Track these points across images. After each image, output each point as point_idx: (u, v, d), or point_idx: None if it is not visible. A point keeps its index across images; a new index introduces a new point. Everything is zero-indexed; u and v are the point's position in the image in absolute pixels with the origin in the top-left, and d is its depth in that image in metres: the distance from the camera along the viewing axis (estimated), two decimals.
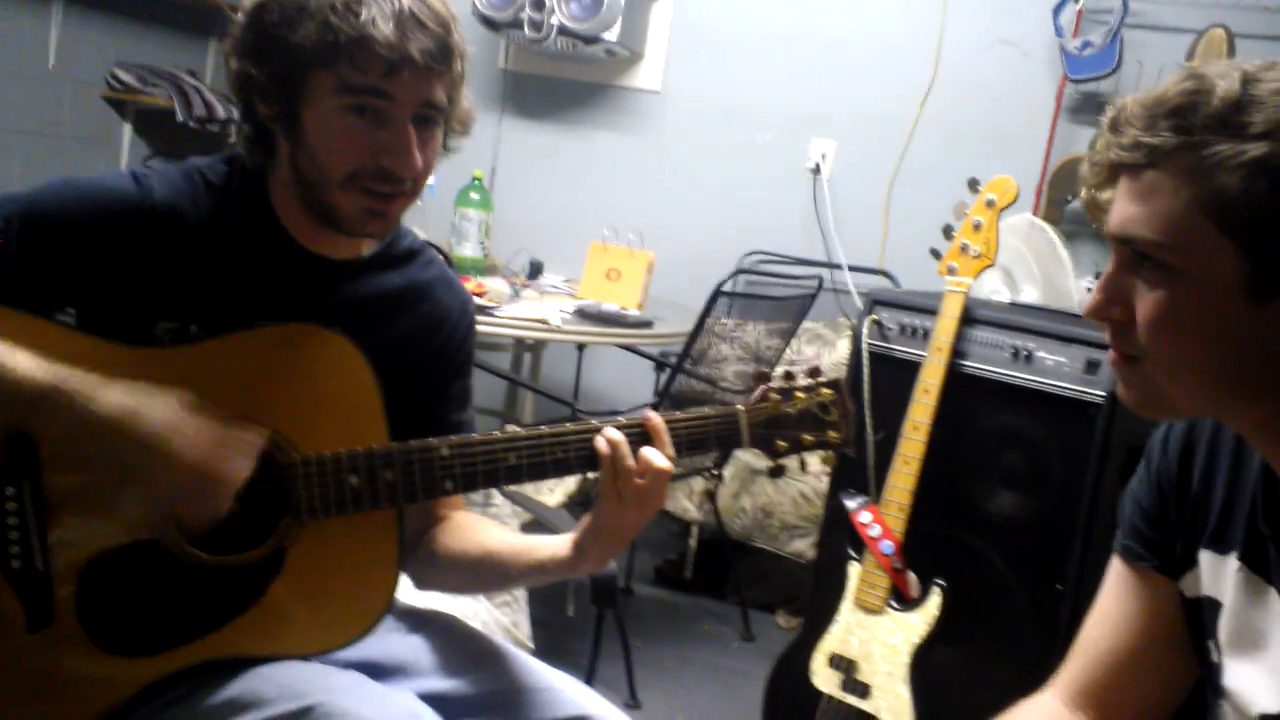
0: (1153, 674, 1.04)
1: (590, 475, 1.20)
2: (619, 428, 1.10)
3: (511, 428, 1.14)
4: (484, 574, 1.23)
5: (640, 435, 1.10)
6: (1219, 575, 0.97)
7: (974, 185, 2.10)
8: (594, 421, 1.11)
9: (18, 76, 3.28)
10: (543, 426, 1.12)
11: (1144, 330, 0.86)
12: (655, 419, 1.11)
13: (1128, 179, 0.87)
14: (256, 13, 1.08)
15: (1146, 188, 0.85)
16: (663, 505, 1.13)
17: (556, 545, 1.16)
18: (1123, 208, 0.87)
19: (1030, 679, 1.12)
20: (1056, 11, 3.15)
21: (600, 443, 1.09)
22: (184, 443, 0.98)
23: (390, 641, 1.23)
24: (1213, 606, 0.98)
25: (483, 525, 1.27)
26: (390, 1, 1.05)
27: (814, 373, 1.21)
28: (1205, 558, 0.99)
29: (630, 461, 1.08)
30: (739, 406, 1.16)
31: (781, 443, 1.18)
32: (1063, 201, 3.12)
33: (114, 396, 0.99)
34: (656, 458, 1.09)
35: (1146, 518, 1.04)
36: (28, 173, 3.28)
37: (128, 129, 3.67)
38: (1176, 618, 1.02)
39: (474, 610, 1.65)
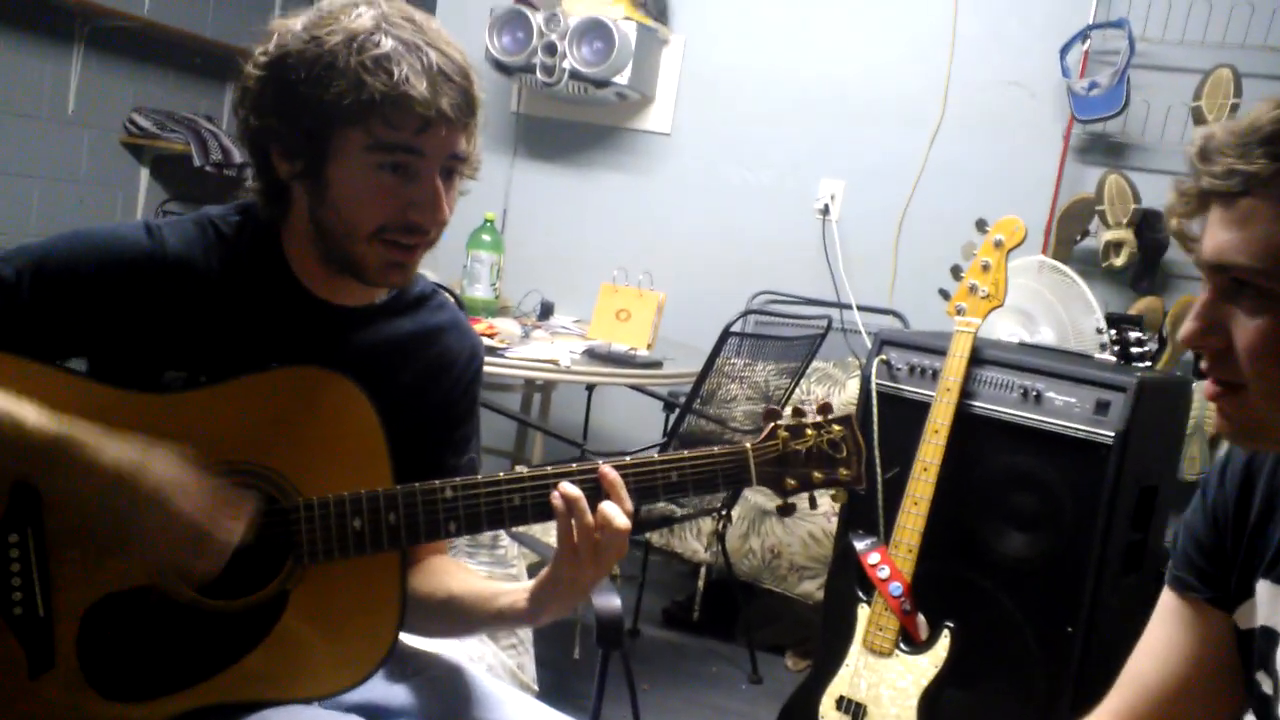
0: (1201, 706, 1.04)
1: None
2: (575, 479, 1.08)
3: (520, 468, 1.14)
4: (448, 618, 1.22)
5: (596, 486, 1.08)
6: (1277, 606, 0.97)
7: (982, 226, 2.11)
8: (599, 462, 1.11)
9: (37, 121, 3.34)
10: (548, 467, 1.12)
11: (1245, 358, 0.86)
12: (610, 473, 1.08)
13: (1221, 207, 0.88)
14: (276, 68, 1.08)
15: (1242, 215, 0.85)
16: (621, 558, 1.10)
17: (515, 596, 1.15)
18: (1217, 235, 0.87)
19: None
20: (1063, 53, 3.17)
21: (555, 498, 1.07)
22: (185, 502, 0.98)
23: (392, 685, 1.23)
24: (1268, 637, 0.98)
25: (453, 570, 1.27)
26: (419, 58, 1.05)
27: (824, 409, 1.19)
28: (1263, 588, 0.99)
29: (588, 517, 1.06)
30: (746, 444, 1.16)
31: (791, 480, 1.16)
32: (1071, 241, 3.12)
33: (117, 451, 0.99)
34: (614, 514, 1.06)
35: (1201, 549, 1.04)
36: (45, 217, 3.33)
37: (145, 174, 3.73)
38: (1228, 650, 1.02)
39: (479, 652, 1.65)
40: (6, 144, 3.24)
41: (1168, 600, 1.07)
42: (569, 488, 1.07)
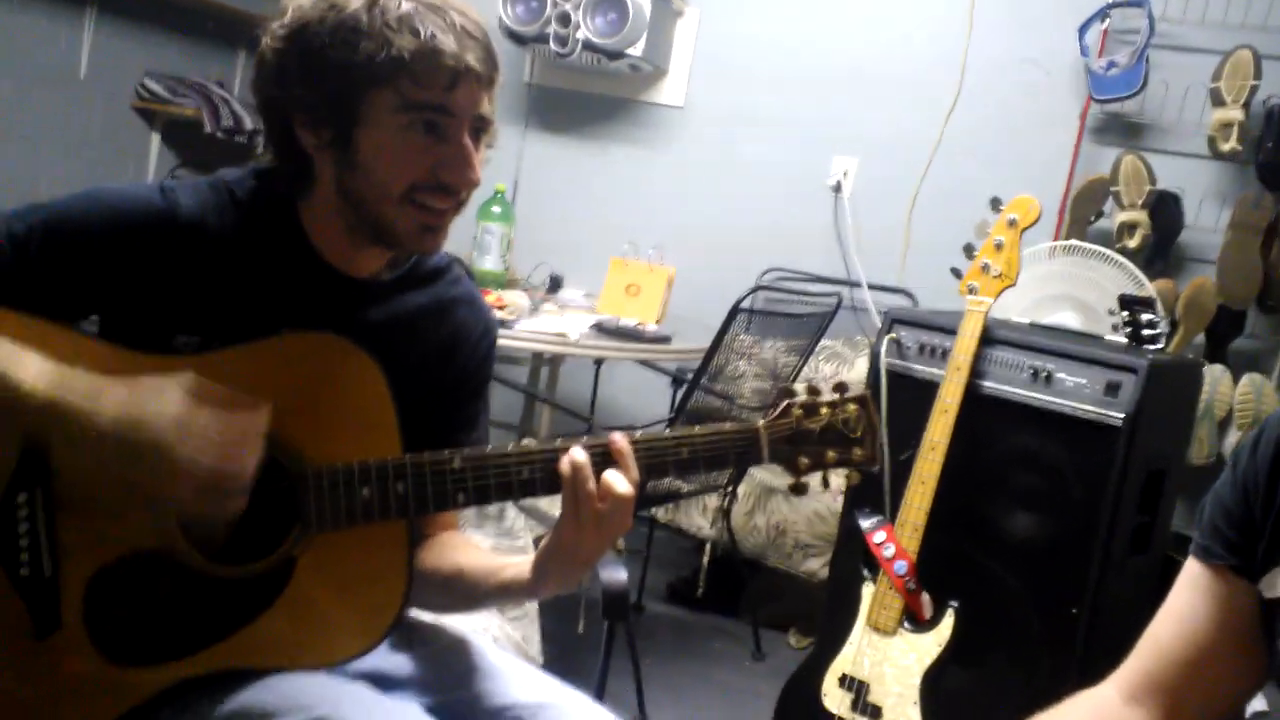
0: (1222, 672, 1.05)
1: None
2: (586, 448, 1.07)
3: (528, 441, 1.13)
4: (455, 592, 1.22)
5: (605, 457, 1.07)
6: None
7: (996, 204, 2.09)
8: (604, 437, 1.10)
9: (49, 85, 3.32)
10: (558, 440, 1.11)
11: None
12: (621, 442, 1.08)
13: None
14: (297, 39, 1.07)
15: None
16: (625, 530, 1.09)
17: (519, 568, 1.15)
18: None
19: (1044, 702, 1.11)
20: (1082, 31, 3.14)
21: (563, 464, 1.06)
22: (190, 444, 0.97)
23: (398, 654, 1.23)
24: None
25: (461, 544, 1.26)
26: (442, 16, 1.06)
27: (840, 388, 1.18)
28: None
29: (591, 485, 1.05)
30: (759, 422, 1.14)
31: (804, 459, 1.15)
32: (1086, 221, 3.10)
33: (116, 400, 0.98)
34: (619, 482, 1.05)
35: (1229, 518, 1.05)
36: (56, 181, 3.32)
37: (156, 139, 3.72)
38: (1252, 618, 1.03)
39: (485, 624, 1.66)
40: (18, 108, 3.23)
41: (1192, 568, 1.08)
42: (577, 454, 1.06)
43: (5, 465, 1.01)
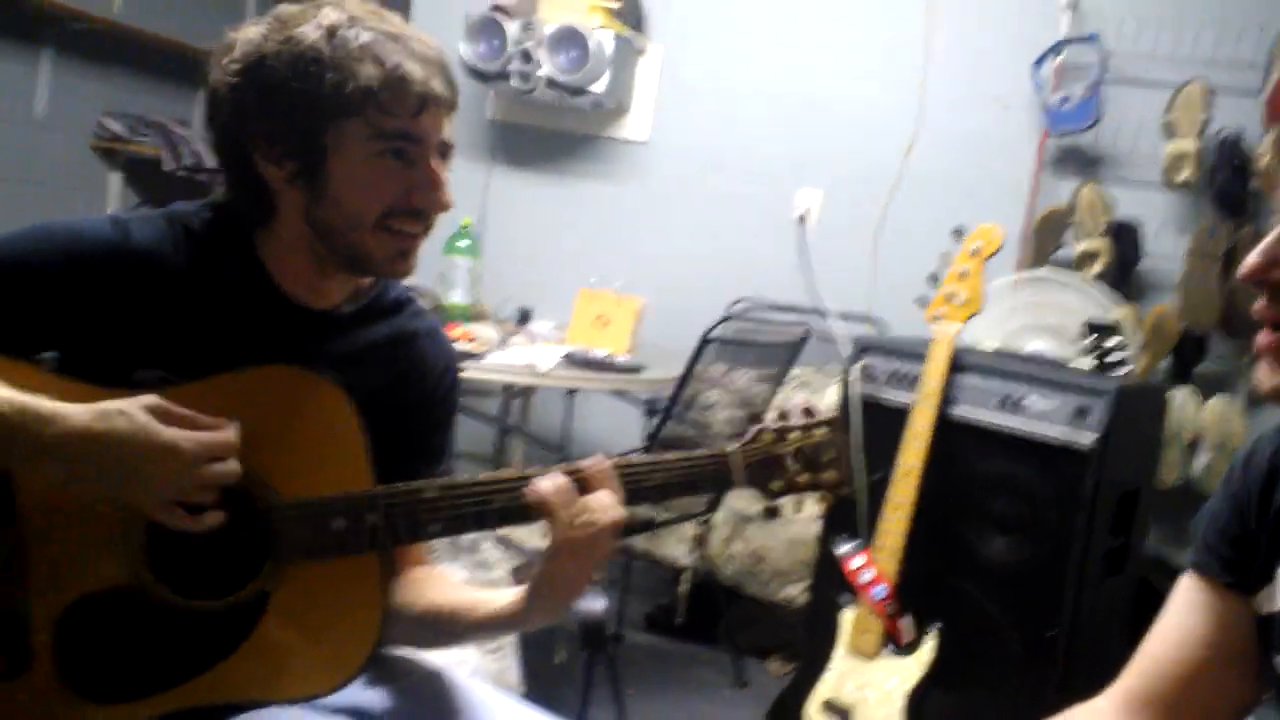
0: (1219, 688, 1.05)
1: None
2: (567, 473, 1.06)
3: (505, 471, 1.12)
4: (431, 629, 1.20)
5: (582, 483, 1.06)
6: None
7: (960, 234, 2.12)
8: (583, 464, 1.09)
9: (6, 124, 3.29)
10: (530, 469, 1.10)
11: None
12: (602, 463, 1.07)
13: None
14: (253, 73, 1.06)
15: None
16: (608, 556, 1.08)
17: (501, 602, 1.13)
18: None
19: None
20: (1036, 66, 3.20)
21: (546, 489, 1.04)
22: (162, 431, 0.96)
23: (377, 689, 1.20)
24: None
25: (436, 580, 1.24)
26: (404, 43, 1.06)
27: (809, 412, 1.19)
28: None
29: (571, 510, 1.04)
30: (731, 447, 1.15)
31: (776, 483, 1.15)
32: (1047, 251, 3.15)
33: (78, 418, 0.95)
34: (599, 507, 1.05)
35: (1224, 535, 1.05)
36: (12, 221, 3.27)
37: (117, 178, 3.69)
38: (1247, 634, 1.03)
39: (462, 657, 1.63)
40: None
41: (1187, 584, 1.08)
42: (552, 480, 1.05)
43: None
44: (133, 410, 0.96)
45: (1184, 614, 1.07)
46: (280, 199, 1.11)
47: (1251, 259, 0.88)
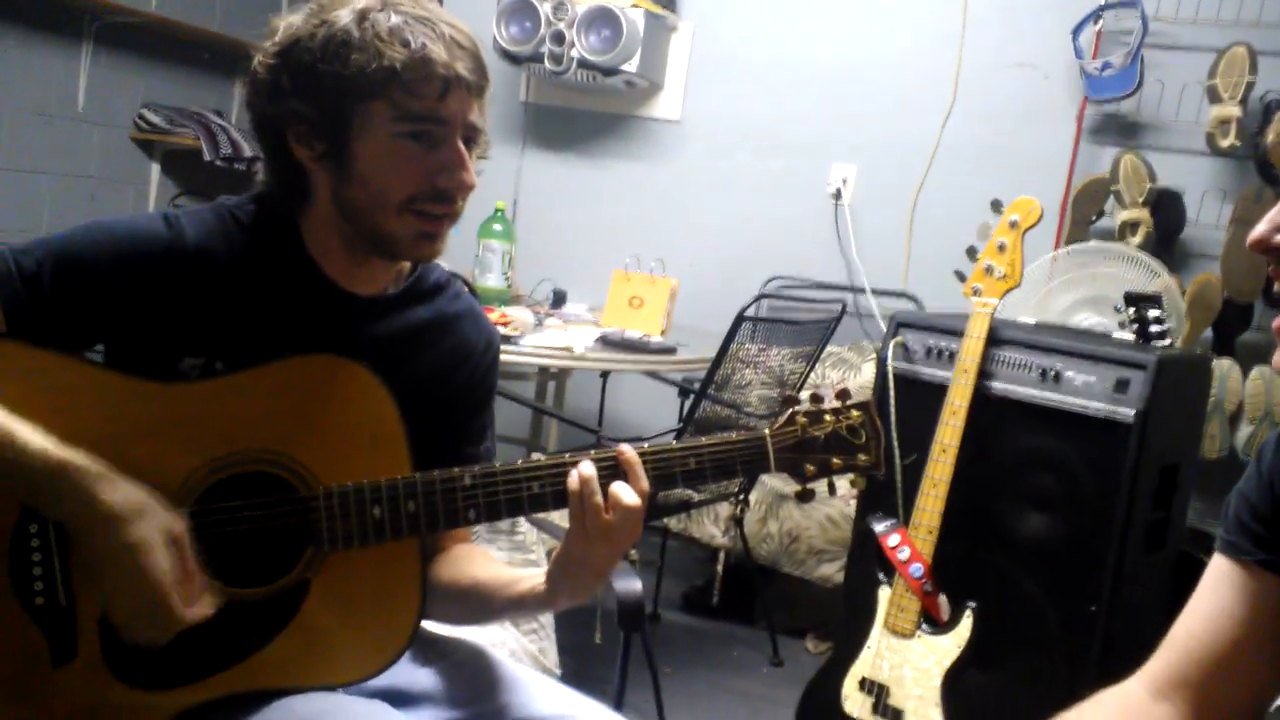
0: (1250, 667, 1.05)
1: None
2: (594, 461, 1.08)
3: (536, 456, 1.13)
4: (470, 605, 1.22)
5: (613, 470, 1.08)
6: None
7: (997, 206, 2.10)
8: (622, 447, 1.10)
9: (48, 118, 3.34)
10: (566, 454, 1.11)
11: None
12: (629, 453, 1.09)
13: None
14: (289, 53, 1.09)
15: None
16: (635, 541, 1.09)
17: (535, 580, 1.15)
18: None
19: (1063, 702, 1.11)
20: (1076, 33, 3.15)
21: (571, 478, 1.07)
22: (156, 567, 0.97)
23: (414, 670, 1.23)
24: None
25: (477, 557, 1.26)
26: (431, 27, 1.08)
27: (842, 395, 1.19)
28: None
29: (598, 497, 1.05)
30: (765, 431, 1.15)
31: (809, 467, 1.16)
32: (1087, 221, 3.10)
33: (112, 494, 0.97)
34: (626, 494, 1.06)
35: (1256, 514, 1.05)
36: (56, 214, 3.34)
37: (156, 169, 3.73)
38: (1278, 614, 1.03)
39: (501, 638, 1.65)
40: (18, 142, 3.24)
41: (1219, 564, 1.08)
42: (585, 468, 1.07)
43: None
44: (150, 529, 0.98)
45: (1215, 594, 1.06)
46: (313, 180, 1.14)
47: (1259, 228, 0.88)
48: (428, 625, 1.29)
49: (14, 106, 3.21)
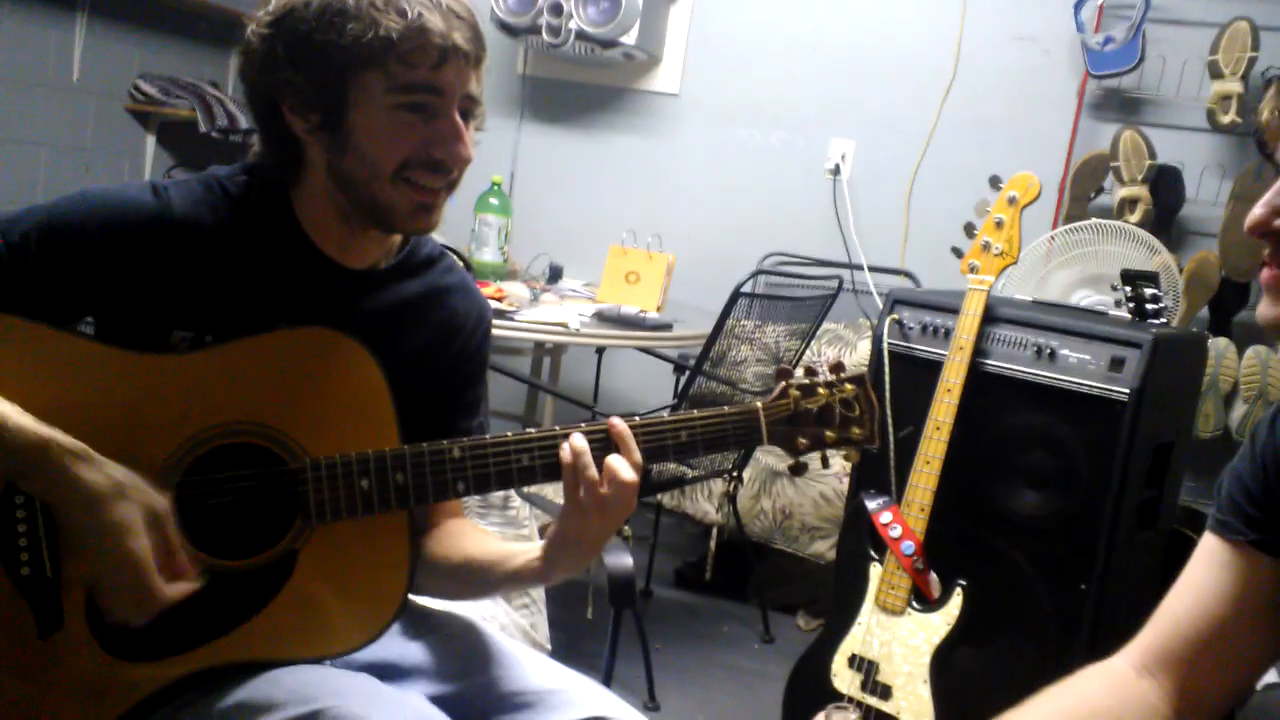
0: (1238, 646, 1.05)
1: None
2: (586, 434, 1.08)
3: (529, 430, 1.13)
4: (465, 580, 1.22)
5: (606, 443, 1.08)
6: None
7: (995, 183, 2.08)
8: (613, 420, 1.10)
9: (42, 89, 3.31)
10: (556, 427, 1.11)
11: None
12: (620, 426, 1.09)
13: None
14: (282, 23, 1.08)
15: None
16: (629, 513, 1.10)
17: (529, 555, 1.15)
18: None
19: (1053, 679, 1.11)
20: (1078, 7, 3.12)
21: (564, 451, 1.07)
22: (136, 545, 0.98)
23: (404, 643, 1.23)
24: None
25: (471, 532, 1.27)
26: None
27: (837, 368, 1.19)
28: None
29: (592, 471, 1.06)
30: (757, 404, 1.15)
31: (802, 440, 1.16)
32: (1087, 198, 3.09)
33: (93, 474, 0.98)
34: (621, 467, 1.06)
35: (1248, 494, 1.05)
36: (51, 185, 3.32)
37: (151, 140, 3.71)
38: (1269, 594, 1.03)
39: (492, 613, 1.65)
40: (13, 112, 3.22)
41: (1209, 543, 1.08)
42: (578, 441, 1.07)
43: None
44: (130, 508, 0.98)
45: (1205, 573, 1.06)
46: (307, 152, 1.13)
47: (1256, 211, 0.87)
48: (419, 600, 1.29)
49: (8, 77, 3.19)
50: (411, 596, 1.24)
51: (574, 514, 1.08)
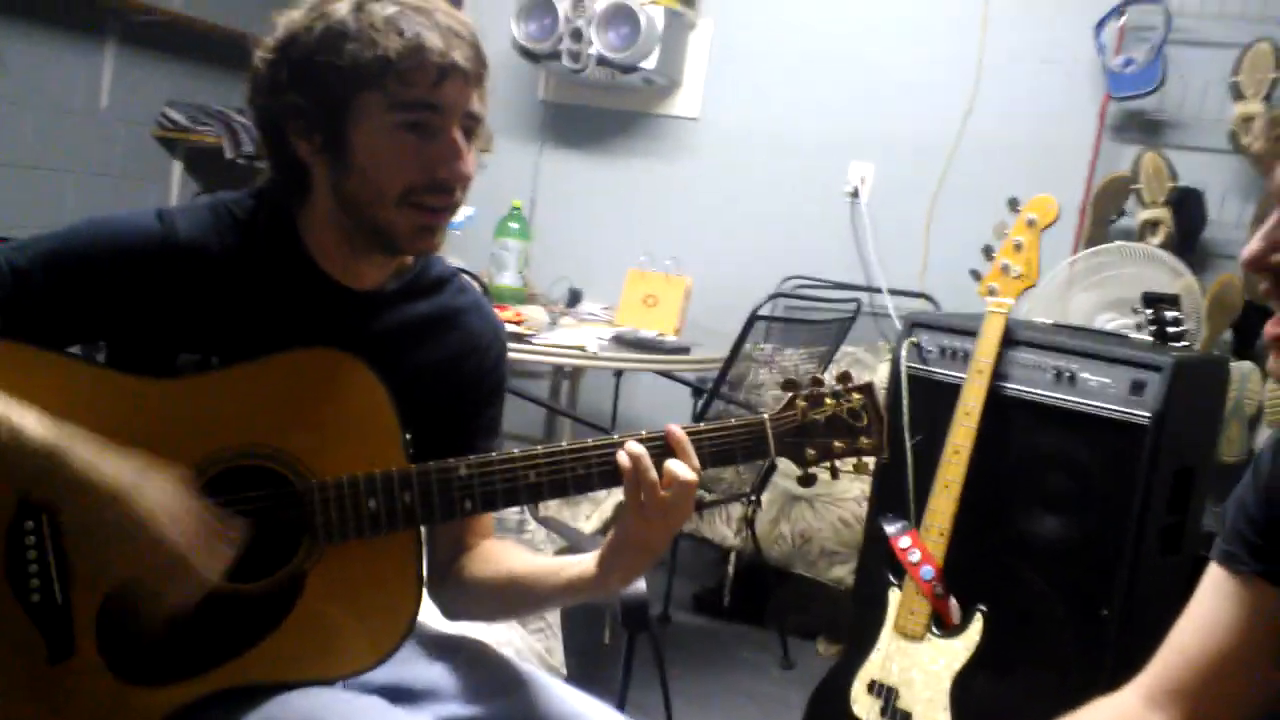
0: (1246, 678, 1.04)
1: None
2: (641, 441, 1.08)
3: (536, 449, 1.13)
4: (512, 599, 1.22)
5: (662, 449, 1.08)
6: None
7: (1014, 205, 2.08)
8: (615, 438, 1.10)
9: (71, 116, 3.37)
10: (562, 444, 1.11)
11: None
12: (677, 432, 1.09)
13: None
14: (287, 48, 1.09)
15: None
16: (688, 518, 1.11)
17: (584, 564, 1.15)
18: None
19: (1074, 706, 1.09)
20: (1098, 29, 3.12)
21: (622, 456, 1.07)
22: (173, 529, 0.98)
23: (418, 666, 1.22)
24: None
25: (510, 551, 1.26)
26: (428, 15, 1.08)
27: (843, 378, 1.18)
28: None
29: (652, 474, 1.06)
30: (764, 415, 1.14)
31: (810, 451, 1.15)
32: (1108, 221, 3.07)
33: (113, 468, 0.98)
34: (681, 470, 1.06)
35: (1253, 524, 1.04)
36: (79, 212, 3.37)
37: (178, 167, 3.76)
38: (1274, 624, 1.02)
39: (507, 637, 1.65)
40: (42, 139, 3.28)
41: (1215, 574, 1.06)
42: (634, 446, 1.07)
43: (11, 494, 1.02)
44: (158, 489, 0.98)
45: (1210, 604, 1.05)
46: (313, 175, 1.14)
47: (1252, 244, 0.86)
48: (434, 622, 1.29)
49: (38, 105, 3.24)
50: (426, 620, 1.24)
51: (636, 520, 1.08)
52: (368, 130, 1.08)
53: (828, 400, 1.15)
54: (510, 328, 2.51)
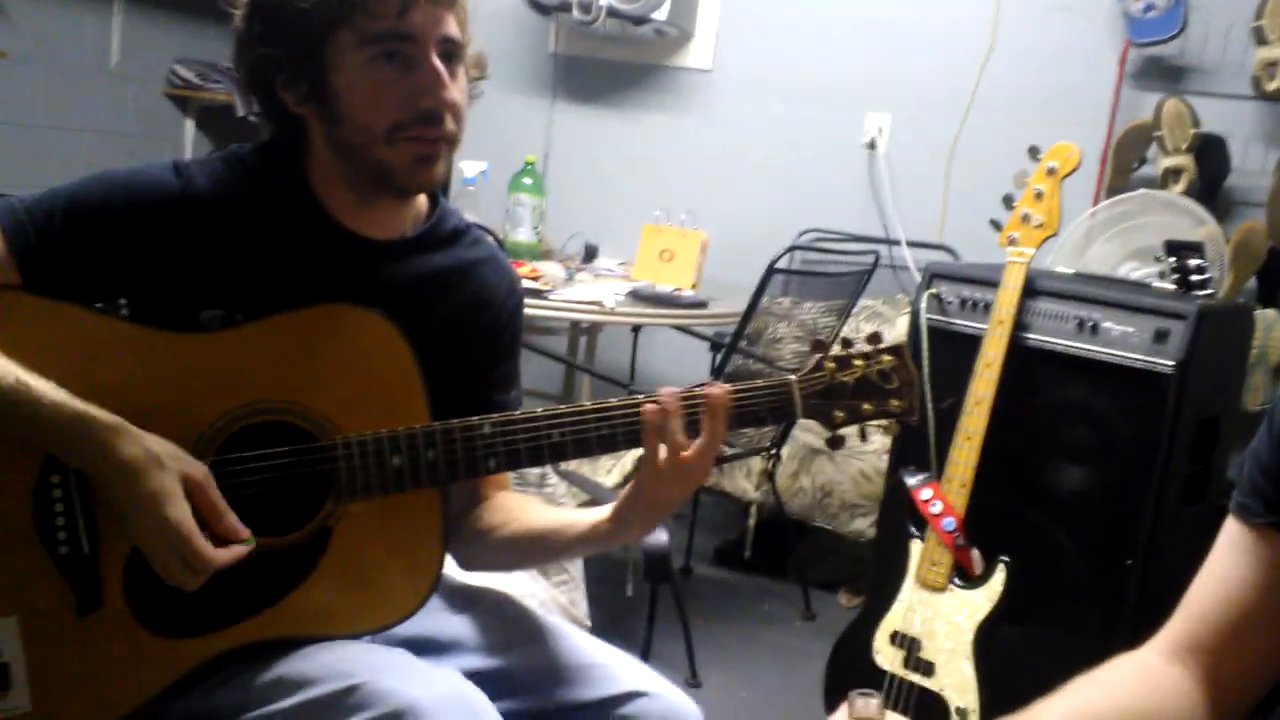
0: (1266, 631, 1.02)
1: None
2: (675, 396, 1.07)
3: (559, 407, 1.12)
4: (527, 550, 1.22)
5: (690, 408, 1.07)
6: None
7: (1035, 153, 2.05)
8: (640, 397, 1.09)
9: (81, 76, 3.35)
10: (585, 403, 1.10)
11: None
12: (720, 395, 1.07)
13: None
14: (257, 2, 1.09)
15: None
16: (706, 479, 1.10)
17: (598, 517, 1.15)
18: None
19: (1097, 657, 1.09)
20: None
21: (650, 409, 1.06)
22: (177, 511, 0.99)
23: (441, 618, 1.23)
24: None
25: (525, 502, 1.26)
26: None
27: (874, 339, 1.17)
28: None
29: (679, 436, 1.05)
30: (791, 377, 1.13)
31: (839, 413, 1.14)
32: (1129, 168, 3.03)
33: (129, 446, 0.99)
34: (706, 436, 1.06)
35: (1268, 476, 1.02)
36: (94, 170, 3.36)
37: (190, 125, 3.74)
38: None
39: (531, 589, 1.66)
40: (51, 99, 3.26)
41: (1232, 528, 1.04)
42: (670, 401, 1.06)
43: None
44: (167, 478, 0.99)
45: (1228, 558, 1.03)
46: (307, 126, 1.13)
47: None
48: (457, 574, 1.29)
49: (48, 64, 3.23)
50: (450, 572, 1.25)
51: (652, 478, 1.07)
52: (345, 71, 1.07)
53: (857, 362, 1.14)
54: (527, 283, 2.50)
